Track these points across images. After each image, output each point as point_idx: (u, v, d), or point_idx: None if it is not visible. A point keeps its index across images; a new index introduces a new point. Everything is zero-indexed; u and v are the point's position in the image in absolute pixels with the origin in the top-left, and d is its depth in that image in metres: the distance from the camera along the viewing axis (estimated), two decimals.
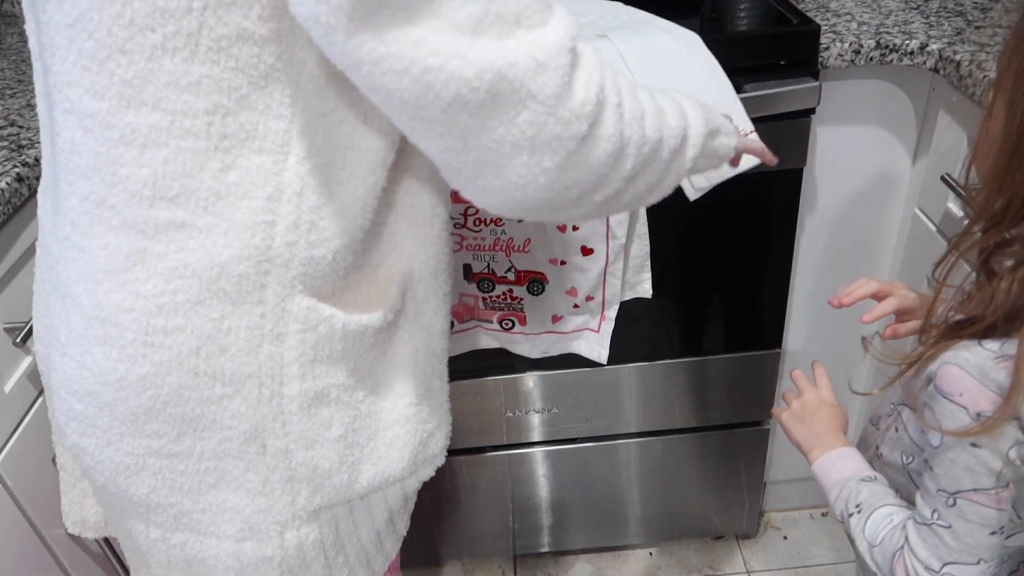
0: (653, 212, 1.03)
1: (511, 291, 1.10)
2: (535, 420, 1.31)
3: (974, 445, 0.55)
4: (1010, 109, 0.56)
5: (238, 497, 0.68)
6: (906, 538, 0.63)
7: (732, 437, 1.35)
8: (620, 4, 1.12)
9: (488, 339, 1.17)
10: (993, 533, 0.58)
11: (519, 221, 1.04)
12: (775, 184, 1.09)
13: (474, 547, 1.50)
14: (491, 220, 1.04)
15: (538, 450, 1.35)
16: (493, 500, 1.41)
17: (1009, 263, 0.57)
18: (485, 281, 1.10)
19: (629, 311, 1.15)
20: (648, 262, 1.08)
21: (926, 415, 0.59)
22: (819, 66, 1.02)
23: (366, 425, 0.71)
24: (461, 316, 1.14)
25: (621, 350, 1.19)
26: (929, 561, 0.60)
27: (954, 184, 1.00)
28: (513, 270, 1.08)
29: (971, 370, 0.55)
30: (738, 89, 1.00)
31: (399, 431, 0.74)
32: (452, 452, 1.34)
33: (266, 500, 0.68)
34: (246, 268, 0.60)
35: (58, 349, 0.65)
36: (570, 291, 1.09)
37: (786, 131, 1.04)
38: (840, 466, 0.74)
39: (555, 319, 1.13)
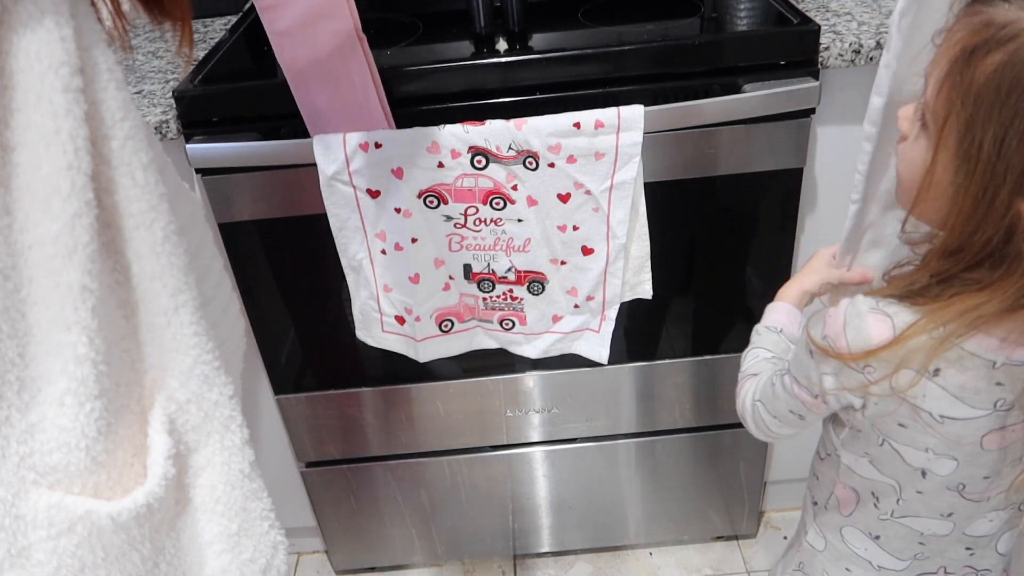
0: (653, 212, 1.03)
1: (511, 291, 1.10)
2: (535, 420, 1.31)
3: (810, 351, 0.69)
4: (965, 165, 0.57)
5: None
6: (762, 374, 0.80)
7: (732, 437, 1.35)
8: None
9: (488, 339, 1.17)
10: (792, 412, 0.75)
11: (519, 220, 1.04)
12: (775, 184, 1.09)
13: (474, 547, 1.50)
14: (491, 220, 1.04)
15: (538, 450, 1.35)
16: (493, 500, 1.41)
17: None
18: (485, 281, 1.09)
19: (629, 311, 1.15)
20: (648, 262, 1.08)
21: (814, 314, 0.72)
22: (819, 66, 1.02)
23: None
24: (461, 316, 1.14)
25: (621, 350, 1.19)
26: (756, 393, 0.79)
27: None
28: (513, 270, 1.08)
29: (847, 312, 0.65)
30: (738, 89, 1.00)
31: None
32: (452, 452, 1.35)
33: None
34: None
35: None
36: (571, 291, 1.09)
37: (786, 131, 1.04)
38: (770, 316, 0.87)
39: (555, 319, 1.13)
